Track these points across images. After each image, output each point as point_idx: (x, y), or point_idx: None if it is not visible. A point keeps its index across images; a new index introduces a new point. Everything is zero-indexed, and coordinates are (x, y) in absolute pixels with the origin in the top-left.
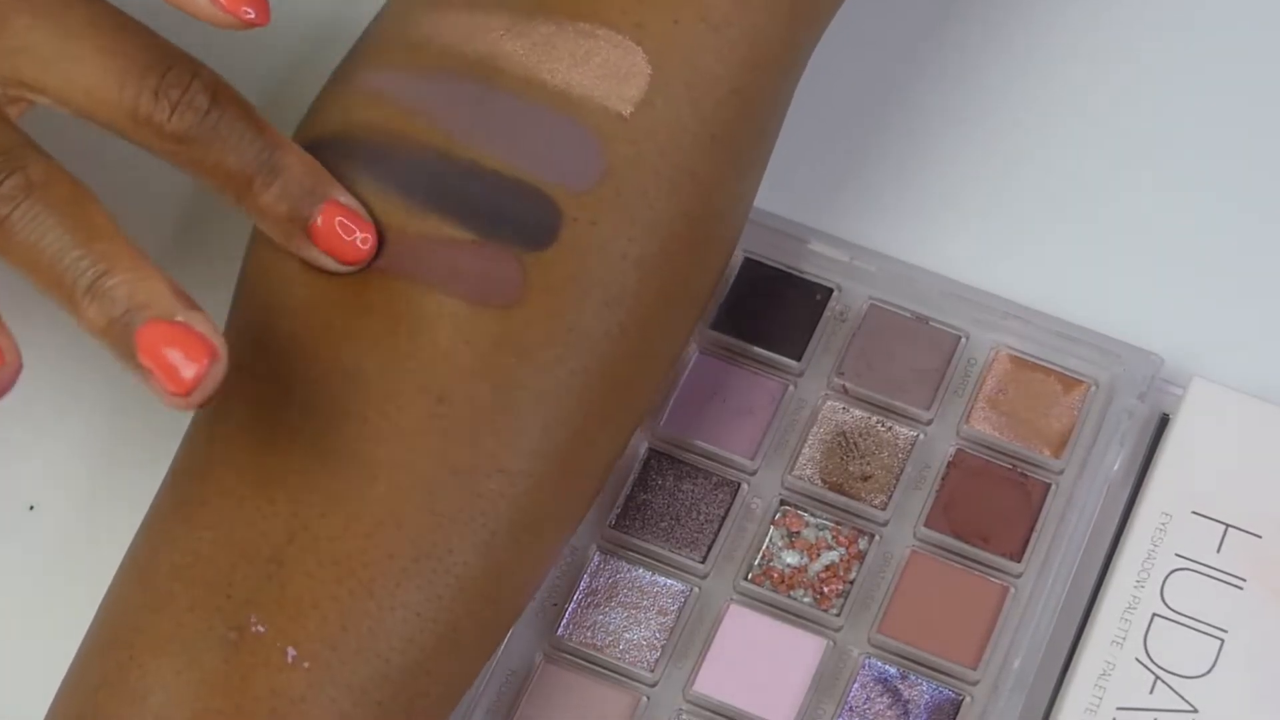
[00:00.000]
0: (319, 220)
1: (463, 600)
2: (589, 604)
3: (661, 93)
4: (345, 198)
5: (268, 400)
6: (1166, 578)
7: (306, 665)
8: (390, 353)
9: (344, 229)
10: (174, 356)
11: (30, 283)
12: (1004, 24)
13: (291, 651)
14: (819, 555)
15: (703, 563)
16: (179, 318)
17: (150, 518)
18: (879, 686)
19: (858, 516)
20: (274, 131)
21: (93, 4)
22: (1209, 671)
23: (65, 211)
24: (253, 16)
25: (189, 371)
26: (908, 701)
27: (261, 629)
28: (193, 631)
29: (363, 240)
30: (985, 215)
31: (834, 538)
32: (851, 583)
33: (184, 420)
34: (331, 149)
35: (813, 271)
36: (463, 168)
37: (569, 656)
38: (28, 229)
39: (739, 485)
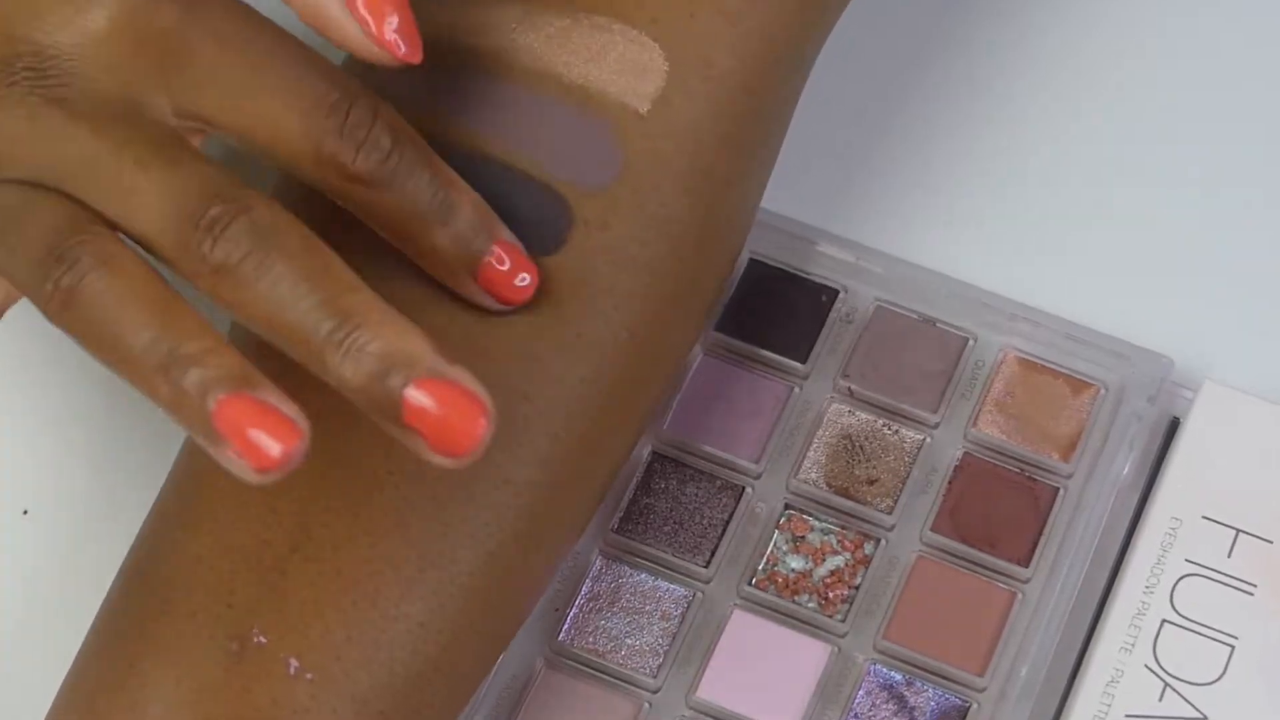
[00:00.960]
0: (487, 262)
1: (467, 610)
2: (591, 609)
3: (679, 89)
4: (510, 236)
5: None
6: (1176, 583)
7: (309, 676)
8: None
9: (510, 270)
10: (447, 415)
11: (267, 339)
12: (1013, 22)
13: (294, 662)
14: (824, 560)
15: (706, 567)
16: (447, 375)
17: (151, 523)
18: (884, 693)
19: (863, 521)
20: (447, 169)
21: (277, 34)
22: (1219, 679)
23: (301, 260)
24: (404, 52)
25: (467, 430)
26: (914, 708)
27: (264, 639)
28: (194, 640)
29: (523, 281)
30: (993, 216)
31: (839, 542)
32: (857, 588)
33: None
34: None
35: (818, 273)
36: (476, 163)
37: (570, 662)
38: (262, 281)
39: (743, 489)
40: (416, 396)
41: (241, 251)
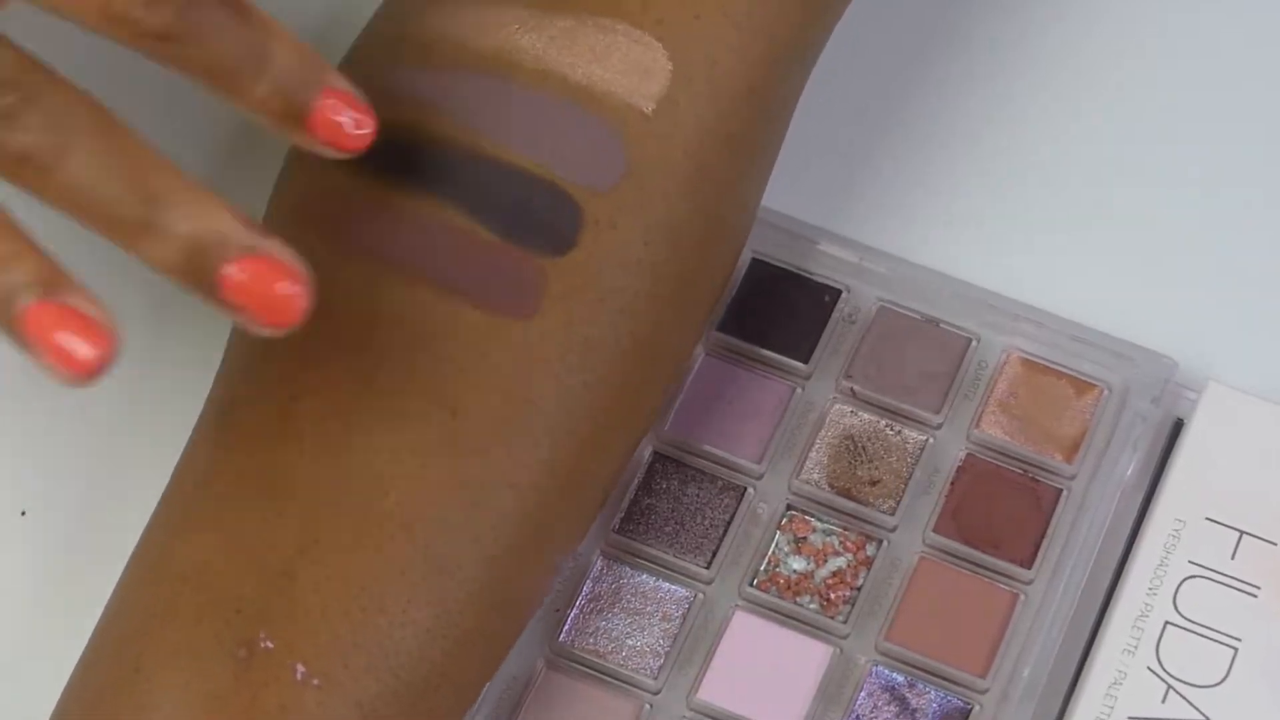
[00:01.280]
0: (316, 110)
1: (472, 614)
2: (591, 610)
3: (684, 90)
4: (341, 83)
5: (276, 409)
6: (1179, 585)
7: (316, 683)
8: (404, 364)
9: (345, 119)
10: (270, 288)
11: (82, 225)
12: (1015, 20)
13: (301, 668)
14: (826, 561)
15: (707, 568)
16: (260, 248)
17: (155, 525)
18: (886, 695)
19: (865, 522)
20: (262, 16)
21: None
22: (1222, 681)
23: (102, 142)
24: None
25: (286, 293)
26: (915, 710)
27: (271, 645)
28: (201, 644)
29: (358, 123)
30: (997, 216)
31: (841, 543)
32: (859, 589)
33: (184, 425)
34: None
35: (821, 272)
36: (484, 164)
37: (571, 663)
38: (64, 168)
39: (745, 489)
40: (232, 273)
41: (36, 139)
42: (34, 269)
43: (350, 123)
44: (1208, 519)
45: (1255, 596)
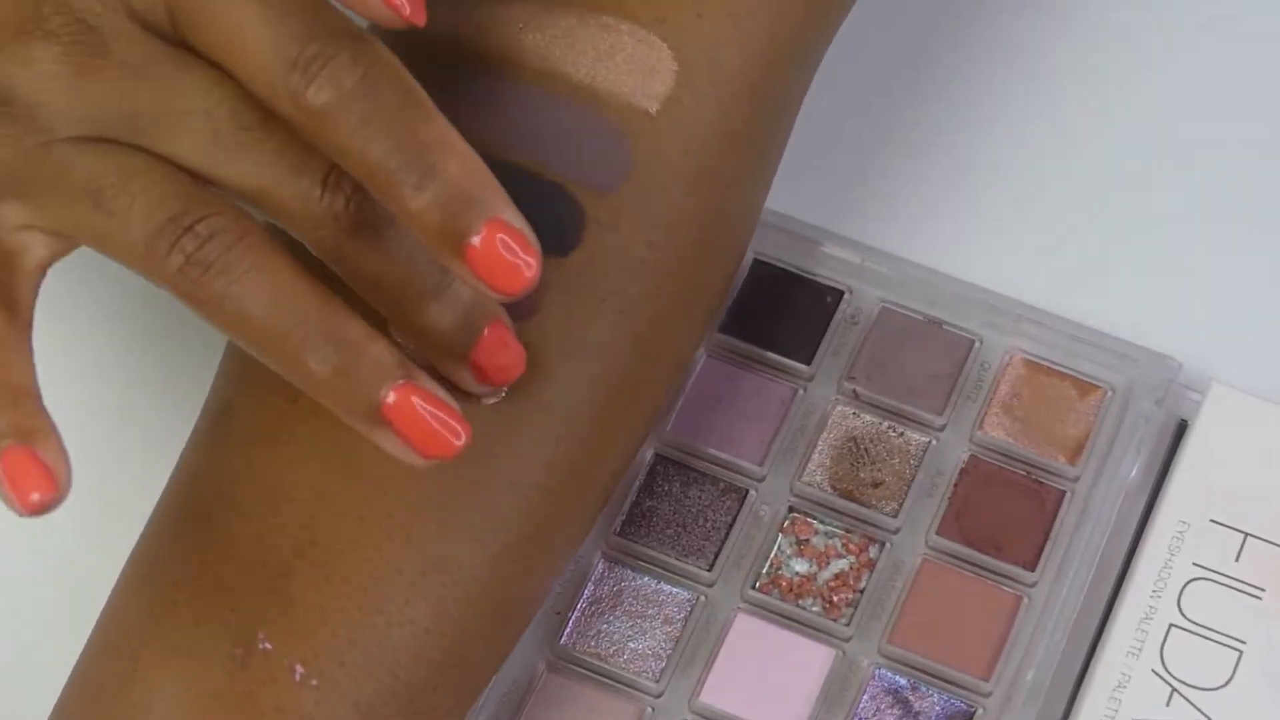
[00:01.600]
0: (477, 240)
1: (471, 615)
2: (593, 612)
3: (687, 89)
4: (513, 216)
5: (274, 409)
6: (1184, 587)
7: (314, 683)
8: None
9: (506, 250)
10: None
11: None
12: (1020, 22)
13: (299, 669)
14: (828, 563)
15: (709, 570)
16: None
17: (154, 526)
18: (889, 698)
19: (868, 524)
20: (438, 124)
21: None
22: (1227, 683)
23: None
24: (409, 12)
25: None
26: (919, 713)
27: (269, 645)
28: (198, 644)
29: (526, 266)
30: (999, 217)
31: (844, 545)
32: (861, 591)
33: (182, 426)
34: None
35: (823, 273)
36: (488, 163)
37: (572, 666)
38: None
39: (747, 491)
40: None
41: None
42: (391, 353)
43: (515, 257)
44: (1212, 521)
45: (1260, 599)
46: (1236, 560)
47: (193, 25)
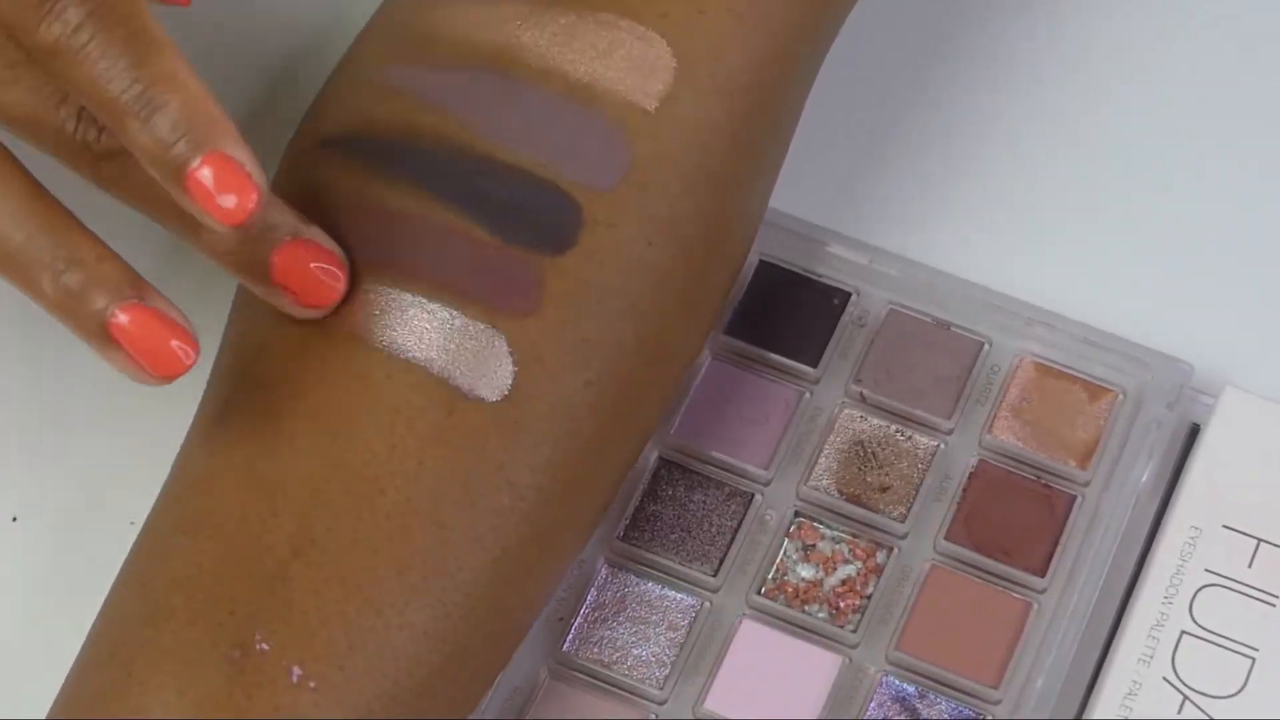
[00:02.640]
0: (198, 172)
1: (471, 617)
2: (596, 618)
3: (687, 87)
4: (239, 153)
5: (271, 409)
6: (1196, 594)
7: (312, 685)
8: (399, 363)
9: (221, 184)
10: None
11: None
12: (1031, 20)
13: (297, 671)
14: (835, 569)
15: (714, 576)
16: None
17: (149, 528)
18: (897, 705)
19: (875, 529)
20: (164, 63)
21: None
22: (1239, 691)
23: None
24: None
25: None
26: None
27: (266, 647)
28: (194, 648)
29: (228, 201)
30: (1009, 217)
31: (851, 551)
32: (869, 597)
33: (173, 430)
34: (348, 146)
35: (830, 275)
36: (483, 163)
37: (575, 673)
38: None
39: (752, 496)
40: (202, 175)
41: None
42: (119, 274)
43: (229, 190)
44: (1224, 526)
45: (1273, 605)
46: (1249, 567)
47: None
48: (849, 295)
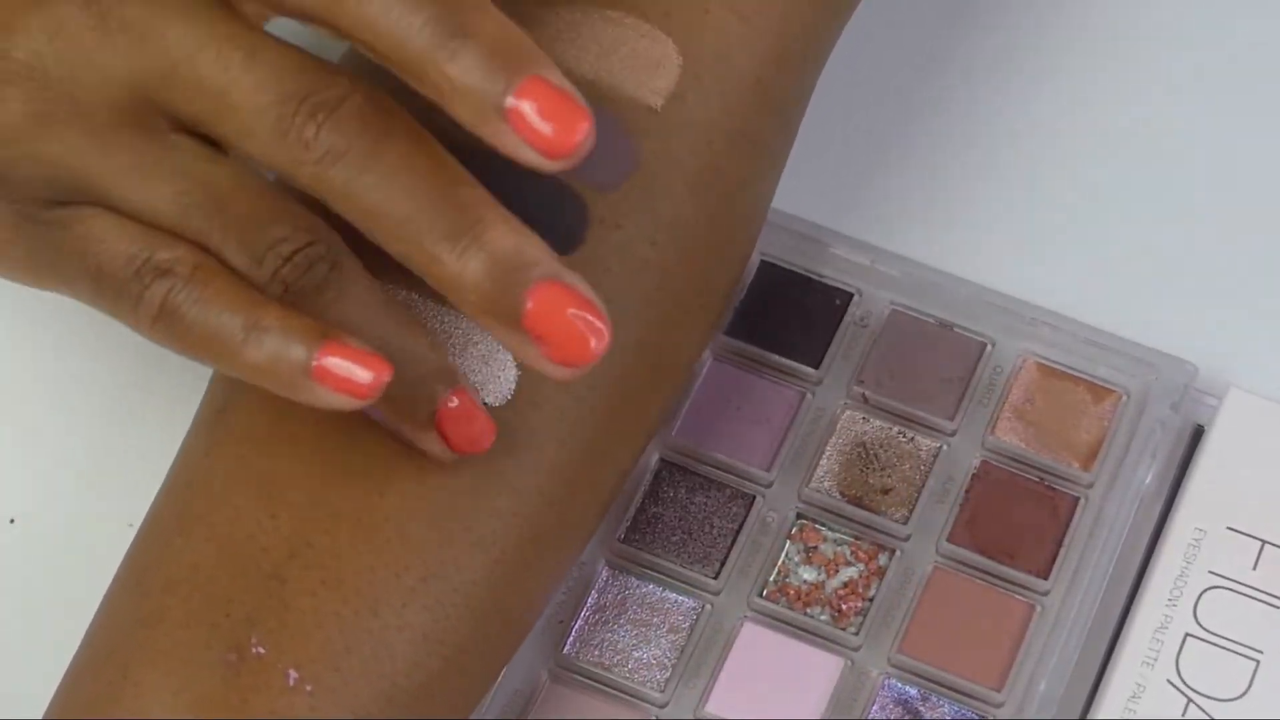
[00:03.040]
0: (530, 305)
1: (470, 621)
2: (597, 621)
3: (692, 86)
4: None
5: (270, 410)
6: (1200, 596)
7: (309, 688)
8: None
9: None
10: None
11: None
12: (1033, 20)
13: (293, 674)
14: (837, 571)
15: (715, 578)
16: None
17: (146, 530)
18: (899, 708)
19: (878, 531)
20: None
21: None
22: (1244, 694)
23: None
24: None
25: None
26: None
27: (262, 650)
28: (190, 649)
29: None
30: (1012, 218)
31: (853, 553)
32: (871, 600)
33: (172, 431)
34: None
35: (832, 275)
36: (488, 161)
37: (575, 676)
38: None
39: (754, 498)
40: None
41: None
42: (306, 325)
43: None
44: (1229, 528)
45: (1277, 608)
46: (1254, 569)
47: None
48: (851, 296)
